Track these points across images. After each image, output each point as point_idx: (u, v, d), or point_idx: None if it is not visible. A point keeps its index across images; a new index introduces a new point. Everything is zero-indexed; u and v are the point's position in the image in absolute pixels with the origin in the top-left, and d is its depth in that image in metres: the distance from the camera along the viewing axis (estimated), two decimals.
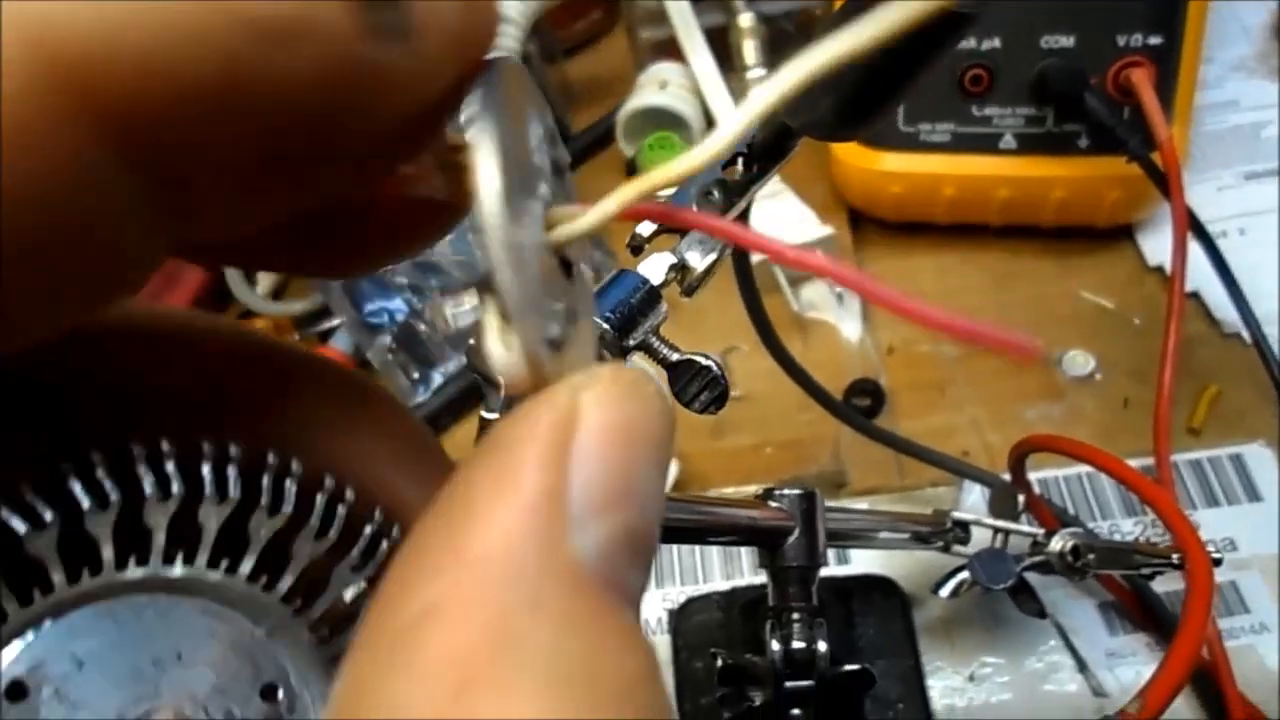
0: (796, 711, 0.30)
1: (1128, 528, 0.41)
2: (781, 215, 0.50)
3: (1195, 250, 0.42)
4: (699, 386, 0.23)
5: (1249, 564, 0.39)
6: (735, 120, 0.12)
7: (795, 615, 0.29)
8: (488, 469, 0.11)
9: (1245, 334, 0.43)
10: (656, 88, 0.54)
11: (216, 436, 0.13)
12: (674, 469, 0.44)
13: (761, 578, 0.30)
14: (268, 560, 0.13)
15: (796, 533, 0.29)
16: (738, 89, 0.54)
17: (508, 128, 0.11)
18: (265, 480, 0.13)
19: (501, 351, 0.11)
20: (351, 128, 0.10)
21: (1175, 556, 0.26)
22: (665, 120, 0.54)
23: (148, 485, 0.13)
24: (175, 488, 0.13)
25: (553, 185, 0.13)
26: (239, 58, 0.09)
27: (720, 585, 0.41)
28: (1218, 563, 0.25)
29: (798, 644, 0.29)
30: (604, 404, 0.11)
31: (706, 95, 0.54)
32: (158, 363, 0.14)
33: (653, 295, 0.23)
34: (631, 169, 0.54)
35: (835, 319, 0.49)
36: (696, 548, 0.42)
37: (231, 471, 0.13)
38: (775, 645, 0.29)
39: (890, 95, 0.22)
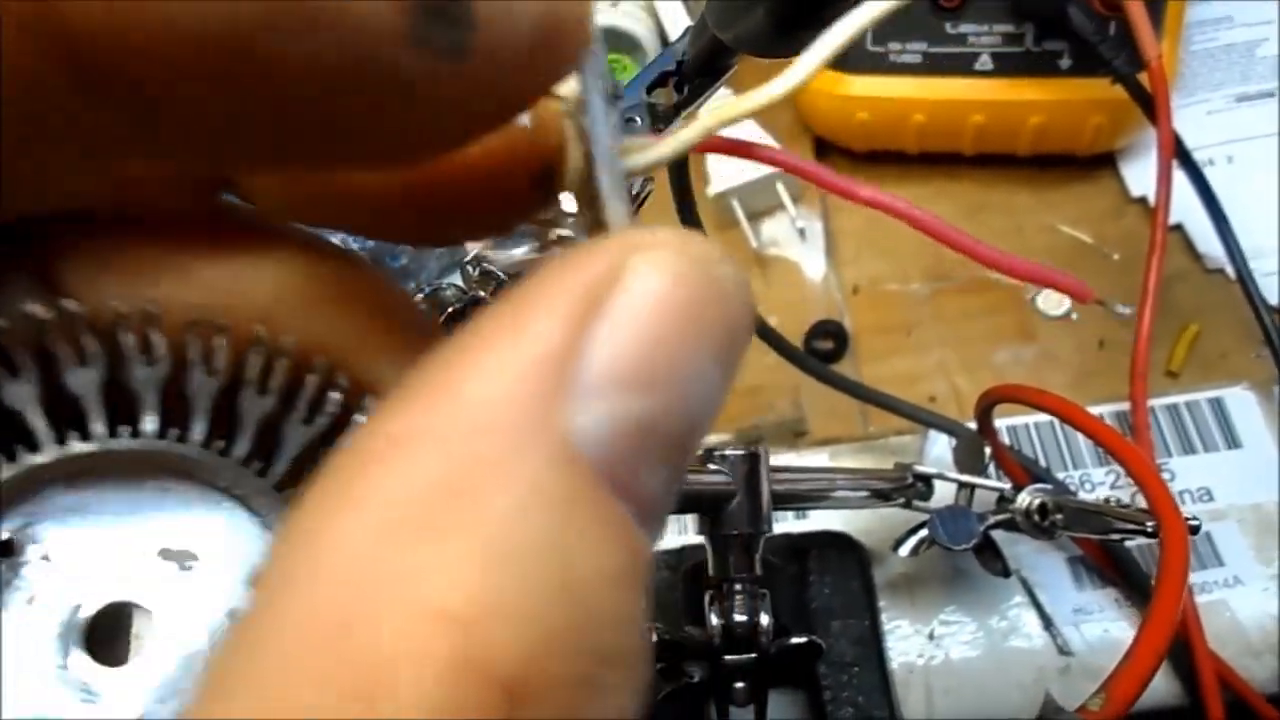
0: (739, 685, 0.28)
1: (1099, 477, 0.39)
2: None
3: (1179, 180, 0.39)
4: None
5: (1225, 514, 0.37)
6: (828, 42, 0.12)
7: (737, 587, 0.26)
8: (502, 313, 0.10)
9: (1229, 269, 0.41)
10: (609, 5, 0.50)
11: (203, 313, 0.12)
12: None
13: None
14: (259, 444, 0.13)
15: (738, 497, 0.26)
16: (694, 10, 0.50)
17: (598, 70, 0.12)
18: (254, 359, 0.12)
19: None
20: (378, 126, 0.10)
21: (1149, 524, 0.24)
22: (617, 42, 0.50)
23: (131, 351, 0.12)
24: (161, 352, 0.12)
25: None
26: (237, 28, 0.08)
27: (670, 542, 0.38)
28: (1195, 530, 0.23)
29: (739, 618, 0.26)
30: (657, 269, 0.10)
31: (661, 16, 0.50)
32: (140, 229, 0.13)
33: (562, 241, 0.20)
34: None
35: (797, 256, 0.46)
36: None
37: (220, 343, 0.12)
38: (715, 619, 0.26)
39: None
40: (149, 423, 0.12)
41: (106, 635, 0.12)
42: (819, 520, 0.38)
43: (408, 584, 0.08)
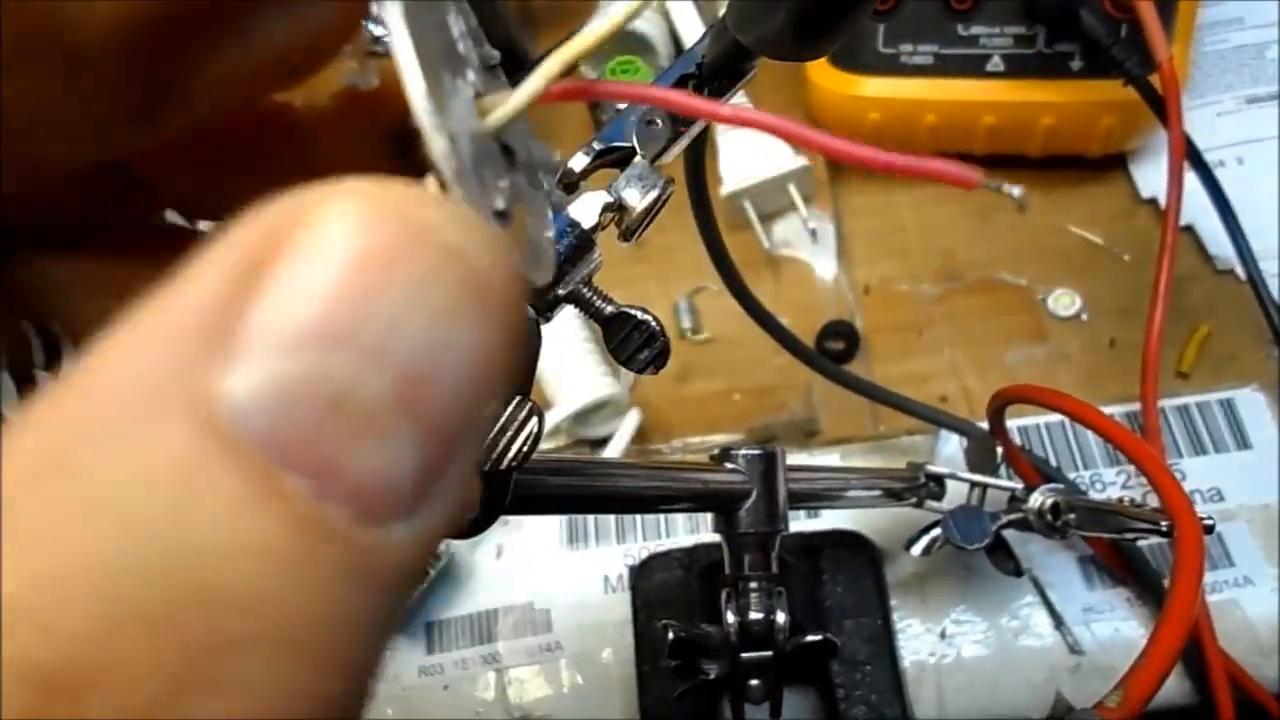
0: (755, 682, 0.28)
1: (1110, 477, 0.39)
2: (752, 145, 0.46)
3: (1191, 181, 0.39)
4: (637, 343, 0.20)
5: (1235, 515, 0.37)
6: None
7: (753, 585, 0.27)
8: (175, 277, 0.08)
9: (1240, 270, 0.41)
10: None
11: None
12: (635, 417, 0.42)
13: None
14: None
15: (754, 496, 0.26)
16: (707, 10, 0.50)
17: (421, 13, 0.11)
18: None
19: None
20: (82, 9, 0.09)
21: (1164, 523, 0.24)
22: (630, 44, 0.50)
23: None
24: None
25: (483, 79, 0.12)
26: None
27: (684, 540, 0.39)
28: (1209, 530, 0.23)
29: (755, 615, 0.27)
30: (337, 219, 0.08)
31: (674, 17, 0.50)
32: None
33: (584, 241, 0.21)
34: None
35: (809, 257, 0.46)
36: None
37: None
38: (731, 617, 0.27)
39: (854, 3, 0.19)
40: None
41: None
42: (831, 519, 0.38)
43: None
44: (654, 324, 0.20)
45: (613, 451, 0.41)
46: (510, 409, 0.18)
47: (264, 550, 0.08)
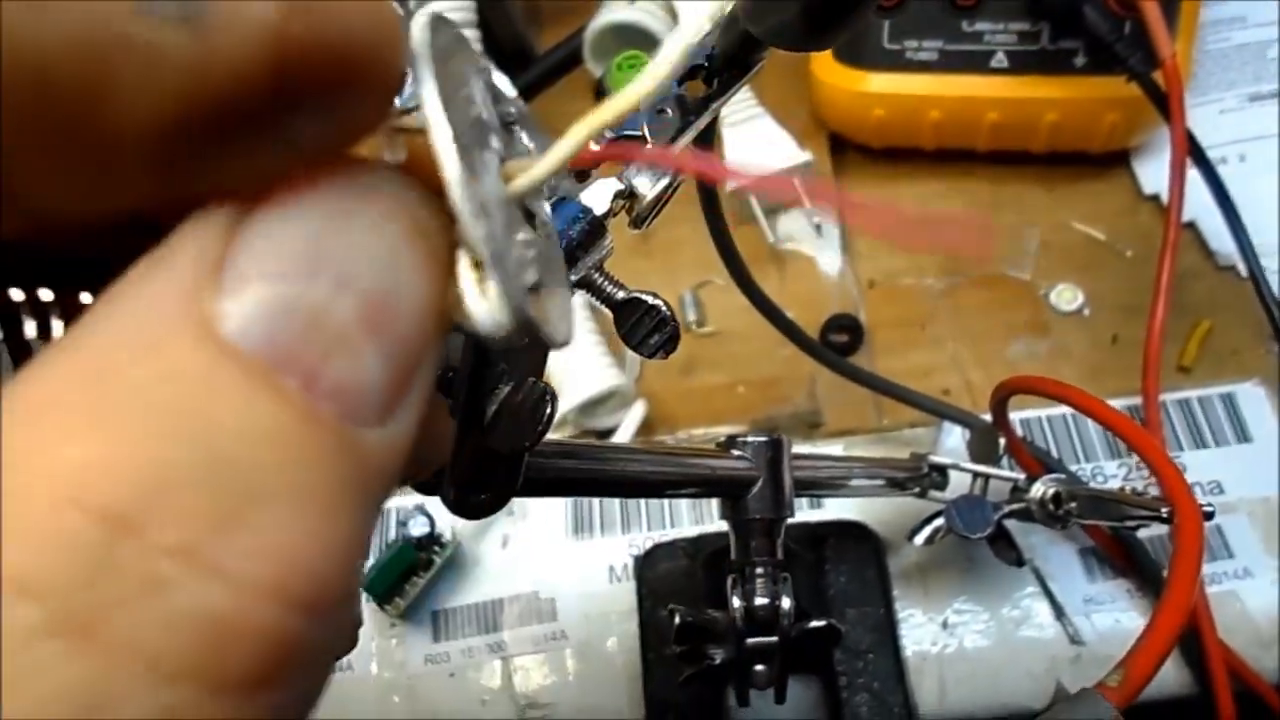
0: (760, 667, 0.28)
1: (1111, 470, 0.39)
2: (757, 139, 0.47)
3: (1193, 178, 0.39)
4: (648, 328, 0.21)
5: (1235, 507, 0.37)
6: (690, 28, 0.11)
7: (759, 570, 0.27)
8: (162, 245, 0.10)
9: (1241, 267, 0.41)
10: (626, 3, 0.50)
11: None
12: (641, 409, 0.42)
13: None
14: None
15: (761, 483, 0.27)
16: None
17: (449, 86, 0.11)
18: None
19: (482, 302, 0.11)
20: (128, 108, 0.10)
21: (1164, 510, 0.24)
22: (636, 38, 0.50)
23: None
24: None
25: (504, 140, 0.13)
26: None
27: (688, 530, 0.39)
28: (1209, 516, 0.23)
29: (760, 600, 0.27)
30: (301, 184, 0.10)
31: (679, 10, 0.50)
32: None
33: (595, 227, 0.21)
34: (600, 91, 0.51)
35: (814, 251, 0.47)
36: None
37: None
38: (737, 602, 0.27)
39: None
40: None
41: None
42: (835, 509, 0.39)
43: (30, 451, 0.09)
44: (664, 309, 0.21)
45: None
46: (525, 390, 0.18)
47: (275, 429, 0.09)
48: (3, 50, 0.09)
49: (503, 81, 0.14)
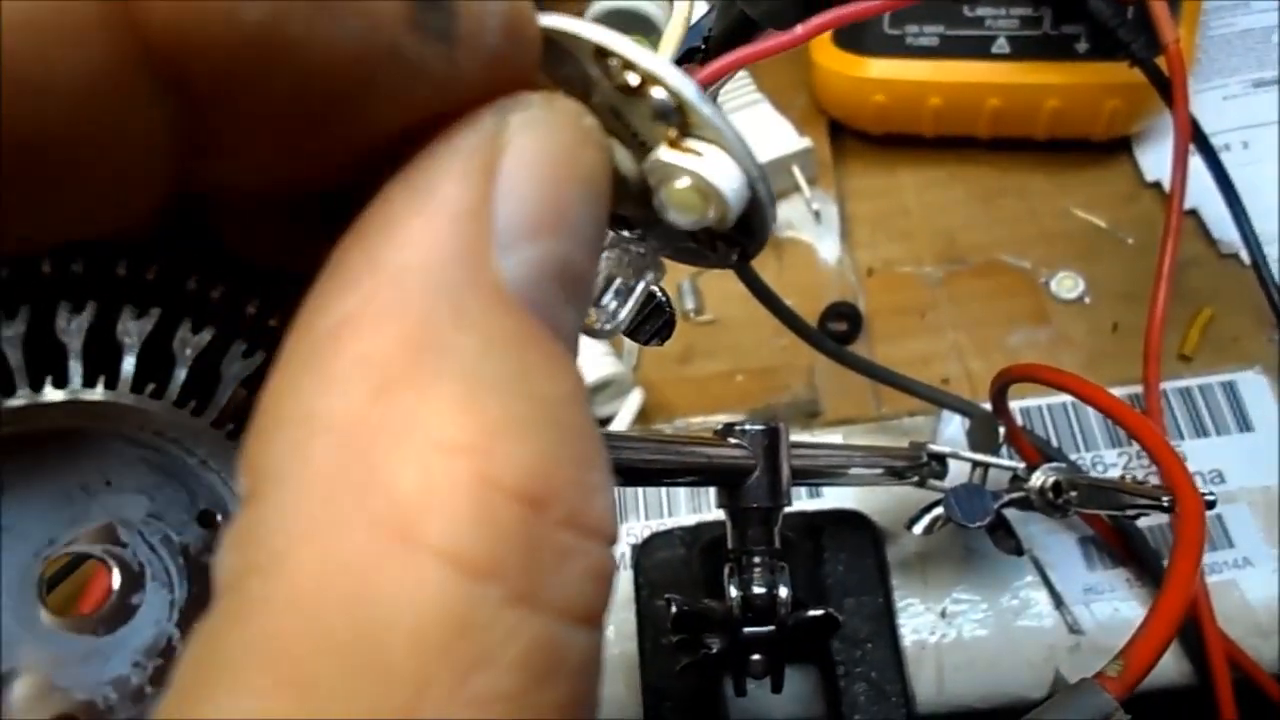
0: (757, 657, 0.28)
1: (1111, 458, 0.39)
2: (756, 126, 0.46)
3: (1195, 165, 0.39)
4: (643, 315, 0.20)
5: (1236, 497, 0.37)
6: None
7: (755, 559, 0.27)
8: (407, 186, 0.10)
9: (1244, 254, 0.41)
10: None
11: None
12: (638, 397, 0.42)
13: None
14: (197, 382, 0.12)
15: (758, 471, 0.26)
16: None
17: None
18: (189, 289, 0.12)
19: (726, 172, 0.12)
20: (374, 112, 0.11)
21: (1165, 499, 0.24)
22: (635, 23, 0.50)
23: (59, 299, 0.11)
24: (89, 301, 0.12)
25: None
26: (290, 14, 0.09)
27: (686, 519, 0.39)
28: (1210, 505, 0.23)
29: (758, 589, 0.27)
30: (534, 127, 0.11)
31: None
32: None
33: None
34: None
35: (812, 238, 0.46)
36: None
37: (151, 277, 0.12)
38: (734, 591, 0.27)
39: None
40: (73, 369, 0.11)
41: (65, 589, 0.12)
42: (833, 498, 0.39)
43: (409, 432, 0.09)
44: (660, 296, 0.21)
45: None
46: None
47: (573, 391, 0.10)
48: (289, 50, 0.10)
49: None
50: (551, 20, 0.12)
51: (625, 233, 0.15)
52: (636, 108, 0.12)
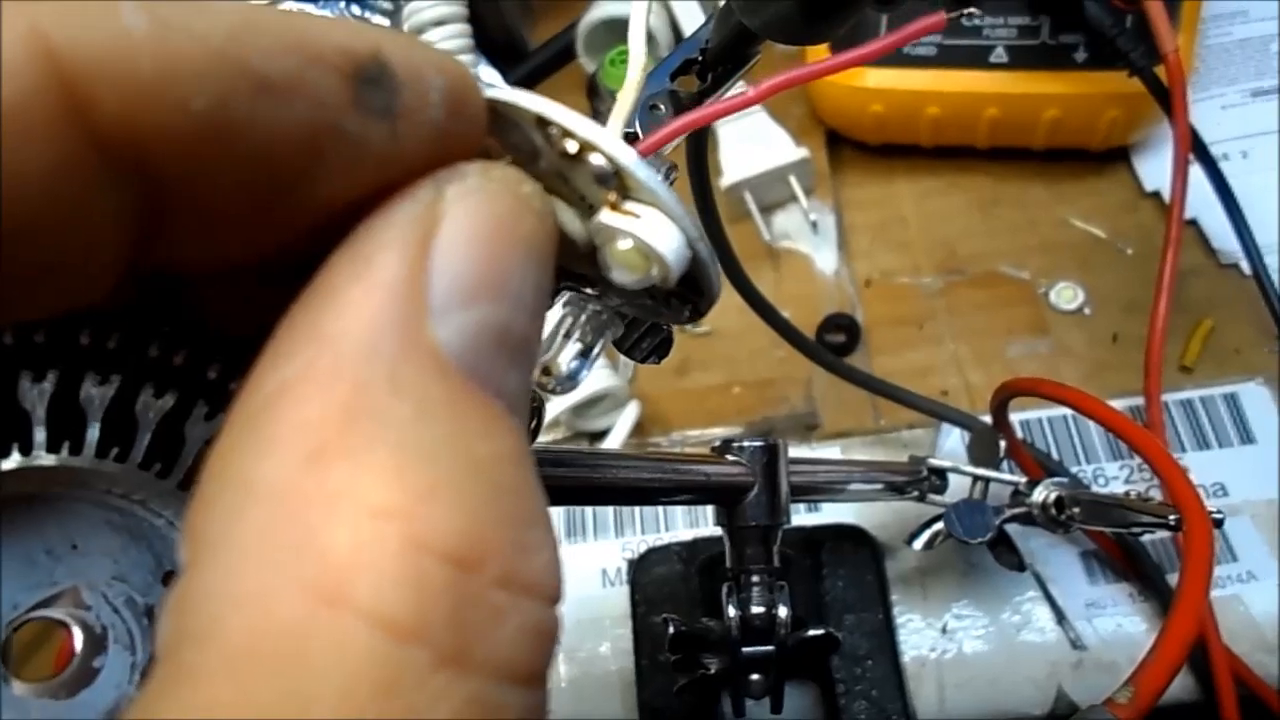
0: (755, 677, 0.28)
1: (1113, 471, 0.38)
2: (752, 135, 0.46)
3: (1194, 175, 0.38)
4: (640, 332, 0.20)
5: (1239, 510, 0.37)
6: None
7: (754, 578, 0.26)
8: (348, 257, 0.11)
9: (1244, 264, 0.40)
10: None
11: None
12: (634, 410, 0.41)
13: None
14: (162, 445, 0.13)
15: (756, 489, 0.26)
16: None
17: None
18: (152, 355, 0.12)
19: (665, 234, 0.12)
20: (323, 187, 0.11)
21: (1172, 517, 0.23)
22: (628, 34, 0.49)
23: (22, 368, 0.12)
24: (50, 369, 0.12)
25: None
26: (233, 101, 0.10)
27: (683, 534, 0.38)
28: (1219, 524, 0.22)
29: (756, 609, 0.26)
30: (469, 197, 0.11)
31: (674, 8, 0.50)
32: None
33: None
34: (593, 86, 0.50)
35: (810, 249, 0.46)
36: None
37: (113, 344, 0.12)
38: (732, 611, 0.26)
39: None
40: (37, 436, 0.12)
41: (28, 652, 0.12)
42: (832, 513, 0.38)
43: (341, 497, 0.09)
44: None
45: (612, 444, 0.40)
46: None
47: (512, 452, 0.11)
48: (236, 135, 0.10)
49: (494, 77, 0.15)
50: (494, 92, 0.12)
51: (586, 290, 0.15)
52: (579, 172, 0.12)
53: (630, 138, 0.21)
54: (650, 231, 0.12)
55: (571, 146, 0.12)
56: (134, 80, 0.09)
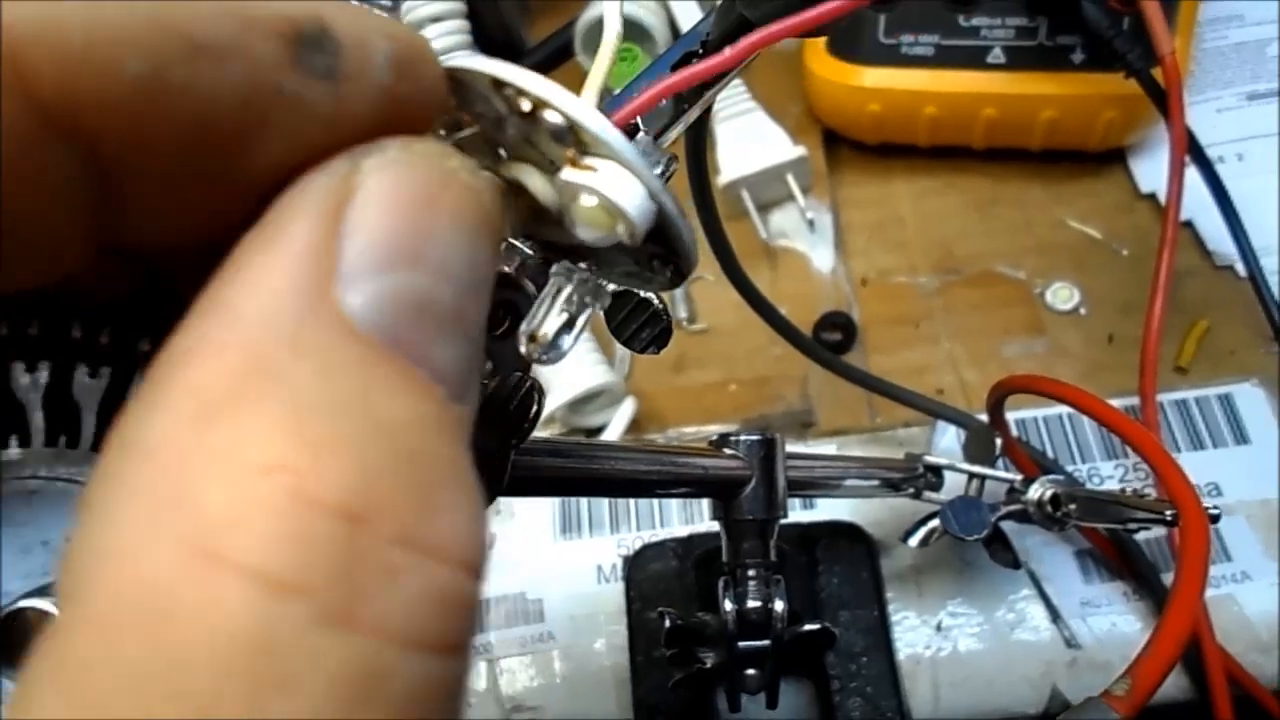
0: (751, 672, 0.27)
1: (1108, 470, 0.38)
2: (750, 133, 0.46)
3: (1190, 177, 0.39)
4: (639, 322, 0.20)
5: (1234, 510, 0.37)
6: None
7: (751, 573, 0.26)
8: (259, 230, 0.11)
9: (1240, 266, 0.41)
10: None
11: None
12: (630, 407, 0.41)
13: None
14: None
15: (753, 483, 0.26)
16: None
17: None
18: (142, 350, 0.13)
19: (628, 189, 0.12)
20: (271, 151, 0.11)
21: (1168, 512, 0.23)
22: (629, 31, 0.49)
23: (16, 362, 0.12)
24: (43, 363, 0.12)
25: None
26: (168, 64, 0.10)
27: (679, 530, 0.38)
28: (1215, 519, 0.22)
29: (753, 603, 0.26)
30: (386, 169, 0.11)
31: (671, 3, 0.50)
32: None
33: None
34: None
35: (806, 248, 0.46)
36: None
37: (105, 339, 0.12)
38: (728, 605, 0.26)
39: None
40: (35, 427, 0.12)
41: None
42: (828, 509, 0.38)
43: (224, 453, 0.09)
44: (656, 303, 0.20)
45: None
46: (512, 384, 0.18)
47: (424, 414, 0.10)
48: (174, 98, 0.10)
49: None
50: (453, 59, 0.12)
51: (573, 260, 0.15)
52: (540, 134, 0.12)
53: (632, 131, 0.22)
54: (609, 184, 0.12)
55: (526, 105, 0.12)
56: (66, 47, 0.10)
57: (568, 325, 0.15)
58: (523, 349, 0.14)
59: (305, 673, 0.08)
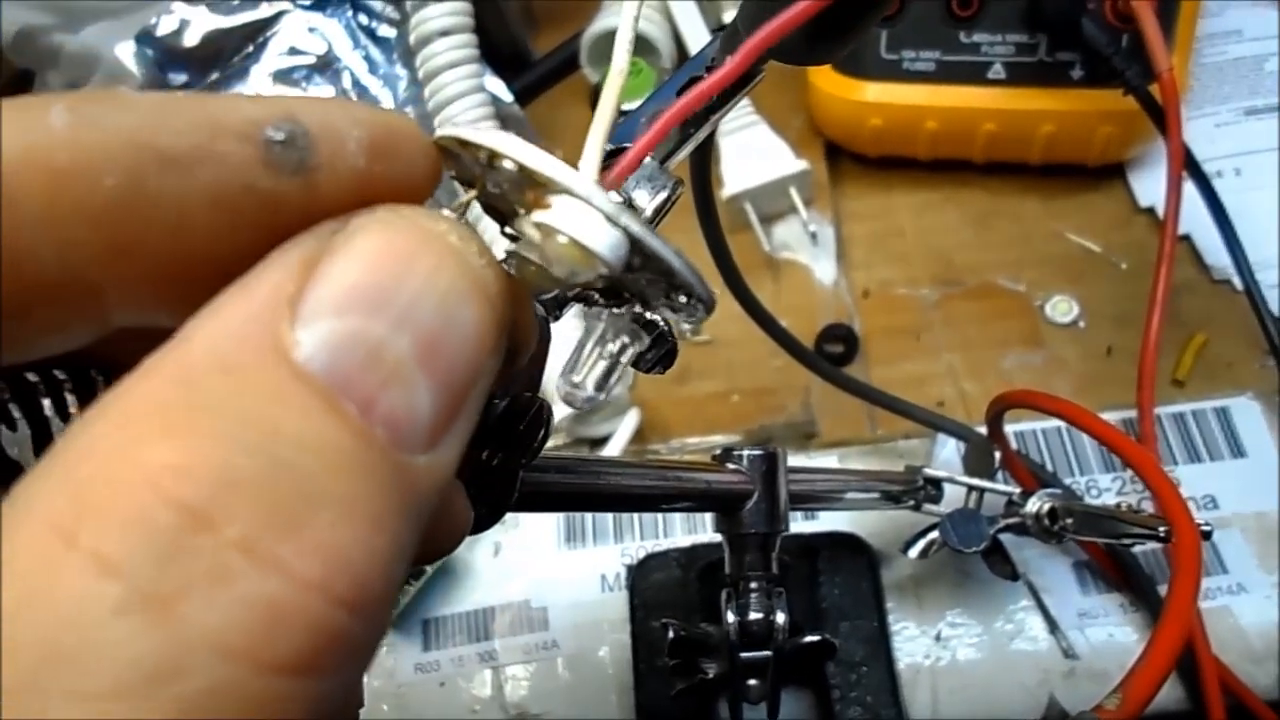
0: (753, 682, 0.28)
1: (1106, 483, 0.39)
2: (753, 147, 0.47)
3: (1188, 191, 0.39)
4: (644, 344, 0.20)
5: (1229, 522, 0.37)
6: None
7: (753, 585, 0.27)
8: (240, 279, 0.11)
9: (1237, 280, 0.41)
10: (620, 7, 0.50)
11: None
12: (635, 417, 0.42)
13: None
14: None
15: (756, 497, 0.27)
16: (709, 10, 0.50)
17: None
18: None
19: (595, 229, 0.12)
20: (246, 240, 0.12)
21: (1161, 529, 0.24)
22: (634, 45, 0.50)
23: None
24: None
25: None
26: (140, 176, 0.11)
27: (682, 540, 0.39)
28: (1207, 536, 0.23)
29: (755, 615, 0.27)
30: (369, 227, 0.12)
31: (676, 17, 0.50)
32: None
33: None
34: (596, 97, 0.51)
35: (809, 260, 0.47)
36: None
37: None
38: (731, 617, 0.27)
39: (869, 8, 0.19)
40: None
41: None
42: (828, 521, 0.39)
43: (122, 451, 0.10)
44: (662, 324, 0.21)
45: (612, 451, 0.41)
46: (521, 405, 0.18)
47: (332, 443, 0.10)
48: (152, 204, 0.11)
49: (498, 87, 0.15)
50: (443, 131, 0.13)
51: (605, 305, 0.15)
52: (511, 186, 0.12)
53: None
54: (566, 218, 0.12)
55: (482, 157, 0.12)
56: (51, 167, 0.11)
57: (606, 373, 0.15)
58: (561, 396, 0.14)
59: (95, 650, 0.09)
